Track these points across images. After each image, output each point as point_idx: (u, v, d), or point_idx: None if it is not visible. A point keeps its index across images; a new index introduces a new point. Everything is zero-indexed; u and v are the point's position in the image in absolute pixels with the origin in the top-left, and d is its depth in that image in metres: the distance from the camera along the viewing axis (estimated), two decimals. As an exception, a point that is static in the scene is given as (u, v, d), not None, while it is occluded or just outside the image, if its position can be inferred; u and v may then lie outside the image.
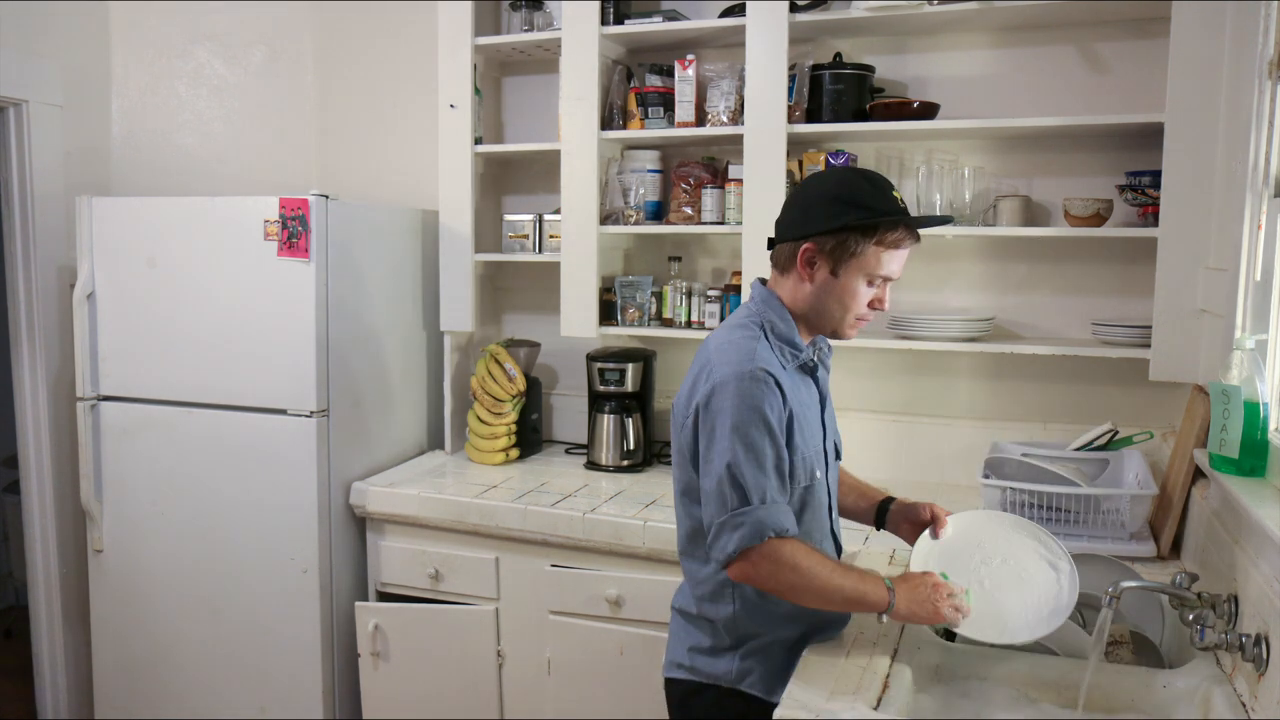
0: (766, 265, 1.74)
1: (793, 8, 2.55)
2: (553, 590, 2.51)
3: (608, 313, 2.87)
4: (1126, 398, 2.56)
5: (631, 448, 2.89)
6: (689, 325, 2.81)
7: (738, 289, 2.72)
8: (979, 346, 2.51)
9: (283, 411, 2.66)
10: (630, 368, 2.86)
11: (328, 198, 2.62)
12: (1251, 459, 1.69)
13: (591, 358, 2.90)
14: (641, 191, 2.85)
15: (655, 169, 2.90)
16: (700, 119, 2.74)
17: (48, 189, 3.01)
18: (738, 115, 2.69)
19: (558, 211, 2.89)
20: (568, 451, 3.13)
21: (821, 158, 2.62)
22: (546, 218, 2.97)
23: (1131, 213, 2.48)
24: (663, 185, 2.92)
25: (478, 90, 2.96)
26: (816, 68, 2.62)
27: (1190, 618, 1.56)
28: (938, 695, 1.62)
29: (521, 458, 3.01)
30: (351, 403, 2.77)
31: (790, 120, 2.58)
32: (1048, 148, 2.63)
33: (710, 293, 2.77)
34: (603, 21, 2.76)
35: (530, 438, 3.06)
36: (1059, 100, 2.55)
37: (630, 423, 2.89)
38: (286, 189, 2.69)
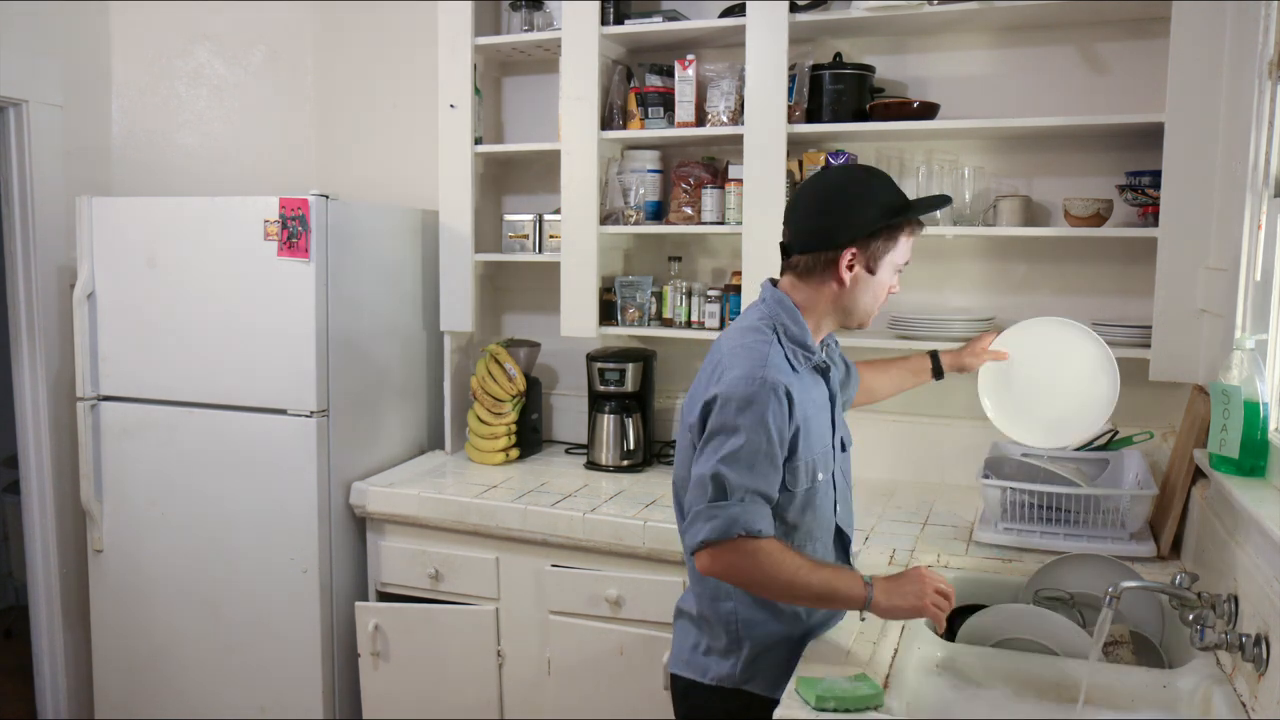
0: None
1: (793, 8, 2.55)
2: (553, 590, 2.51)
3: (608, 313, 2.87)
4: (1126, 397, 2.53)
5: (631, 448, 2.89)
6: (689, 325, 2.81)
7: (738, 289, 2.71)
8: (979, 347, 2.50)
9: (283, 411, 2.66)
10: (630, 368, 2.86)
11: (328, 198, 2.62)
12: (1251, 459, 1.69)
13: (591, 358, 2.90)
14: (641, 191, 2.85)
15: (655, 169, 2.90)
16: (700, 119, 2.74)
17: (48, 189, 3.01)
18: (738, 115, 2.69)
19: (558, 211, 2.89)
20: (568, 451, 3.13)
21: (821, 158, 2.62)
22: (546, 218, 2.97)
23: (1131, 213, 2.48)
24: (663, 185, 2.92)
25: (478, 90, 2.96)
26: (816, 68, 2.62)
27: (1190, 618, 1.56)
28: (938, 694, 1.62)
29: (521, 458, 3.01)
30: (351, 403, 2.77)
31: (790, 120, 2.58)
32: (1048, 148, 2.63)
33: (710, 293, 2.77)
34: (603, 21, 2.76)
35: (530, 438, 3.05)
36: (1059, 100, 2.55)
37: (630, 423, 2.88)
38: (286, 189, 2.69)
